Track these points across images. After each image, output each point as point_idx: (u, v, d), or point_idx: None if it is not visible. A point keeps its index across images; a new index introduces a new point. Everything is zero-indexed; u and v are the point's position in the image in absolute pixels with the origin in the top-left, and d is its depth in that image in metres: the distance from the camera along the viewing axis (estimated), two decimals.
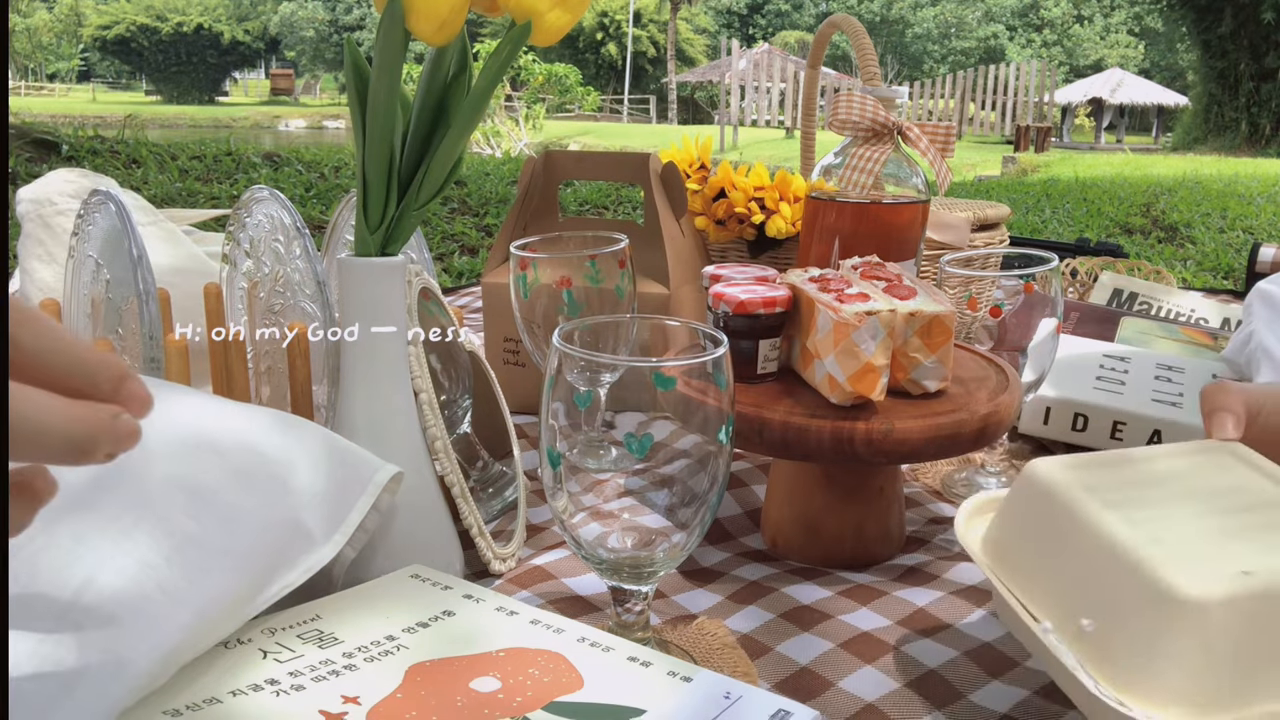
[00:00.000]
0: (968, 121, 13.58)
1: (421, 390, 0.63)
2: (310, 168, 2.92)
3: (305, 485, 0.52)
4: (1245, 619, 0.41)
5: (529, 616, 0.51)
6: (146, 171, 2.65)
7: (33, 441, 0.27)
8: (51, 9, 35.41)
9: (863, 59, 1.00)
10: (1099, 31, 32.69)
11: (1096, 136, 17.43)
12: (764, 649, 0.59)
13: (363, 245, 0.58)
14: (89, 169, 1.24)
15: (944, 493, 0.83)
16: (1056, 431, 0.89)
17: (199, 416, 0.51)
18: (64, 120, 5.48)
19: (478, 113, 0.56)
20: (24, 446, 0.27)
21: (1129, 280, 1.30)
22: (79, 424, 0.28)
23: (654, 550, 0.51)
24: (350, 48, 0.55)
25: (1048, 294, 0.78)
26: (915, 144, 0.84)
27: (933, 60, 32.67)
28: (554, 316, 0.75)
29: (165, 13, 32.25)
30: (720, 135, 12.88)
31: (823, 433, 0.62)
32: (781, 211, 1.05)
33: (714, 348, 0.48)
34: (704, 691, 0.45)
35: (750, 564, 0.70)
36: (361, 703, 0.43)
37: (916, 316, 0.65)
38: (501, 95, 11.98)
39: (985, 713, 0.53)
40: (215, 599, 0.44)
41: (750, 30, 34.88)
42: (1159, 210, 2.89)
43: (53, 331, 0.28)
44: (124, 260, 0.65)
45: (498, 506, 0.74)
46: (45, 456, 0.28)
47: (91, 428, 0.28)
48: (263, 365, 0.71)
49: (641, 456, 0.48)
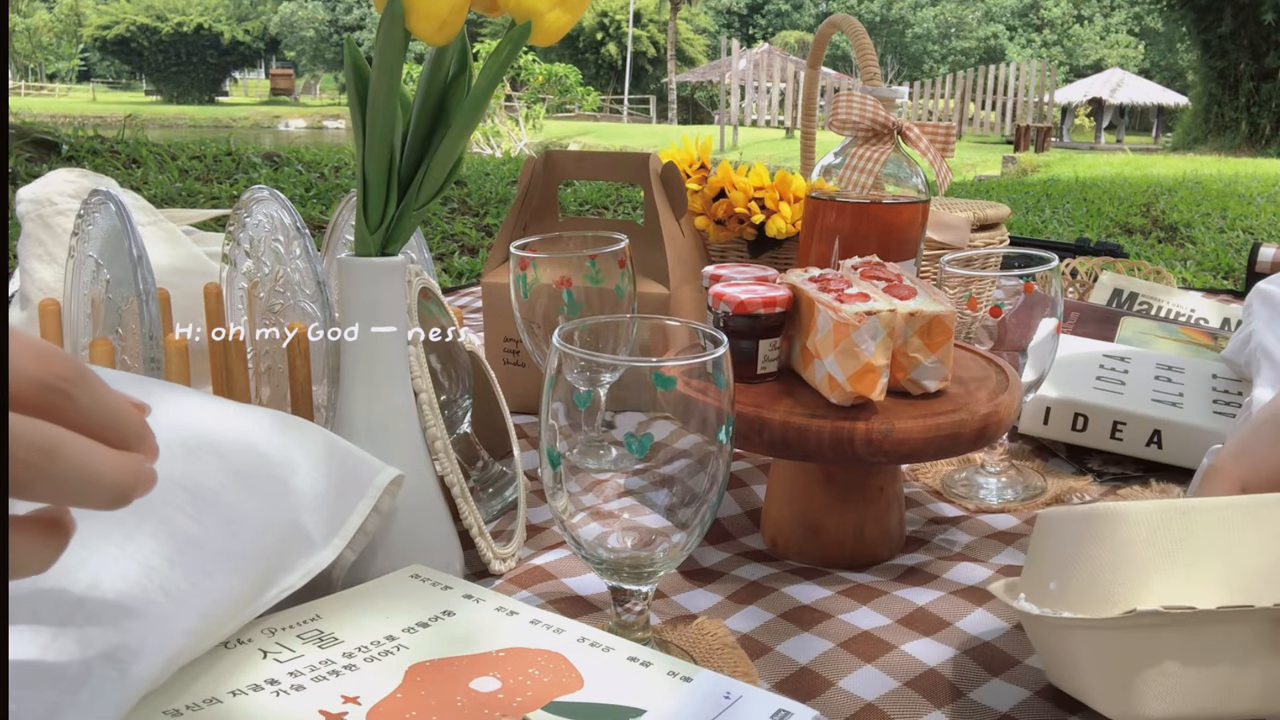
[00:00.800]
0: (968, 121, 13.58)
1: (421, 390, 0.63)
2: (310, 168, 2.92)
3: (305, 487, 0.52)
4: (1158, 526, 0.45)
5: (529, 616, 0.51)
6: (146, 171, 2.65)
7: (86, 487, 0.29)
8: (51, 9, 35.41)
9: (863, 59, 1.00)
10: (1099, 31, 32.69)
11: (1096, 136, 17.44)
12: (764, 649, 0.59)
13: (363, 245, 0.58)
14: (89, 169, 1.24)
15: (944, 493, 0.83)
16: (1056, 431, 0.89)
17: (199, 417, 0.50)
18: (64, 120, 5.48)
19: (478, 113, 0.56)
20: (77, 491, 0.29)
21: (1129, 280, 1.30)
22: (124, 474, 0.30)
23: (654, 550, 0.51)
24: (350, 48, 0.55)
25: (1048, 294, 0.78)
26: (915, 144, 0.84)
27: (933, 60, 32.67)
28: (554, 316, 0.75)
29: (165, 13, 32.25)
30: (720, 135, 12.88)
31: (823, 433, 0.62)
32: (781, 211, 1.05)
33: (714, 348, 0.48)
34: (704, 691, 0.45)
35: (750, 564, 0.70)
36: (361, 703, 0.43)
37: (916, 316, 0.65)
38: (501, 95, 11.98)
39: (986, 711, 0.53)
40: (217, 602, 0.44)
41: (750, 30, 34.89)
42: (1159, 210, 2.90)
43: (102, 387, 0.31)
44: (124, 260, 0.65)
45: (498, 506, 0.74)
46: (88, 501, 0.30)
47: (133, 477, 0.31)
48: (263, 365, 0.71)
49: (641, 456, 0.48)
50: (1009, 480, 0.83)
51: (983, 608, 0.63)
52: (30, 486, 0.28)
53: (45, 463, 0.28)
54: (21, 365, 0.29)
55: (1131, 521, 0.46)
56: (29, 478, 0.28)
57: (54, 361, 0.29)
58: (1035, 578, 0.51)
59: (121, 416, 0.31)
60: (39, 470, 0.28)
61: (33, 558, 0.30)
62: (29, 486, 0.28)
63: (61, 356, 0.30)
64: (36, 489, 0.29)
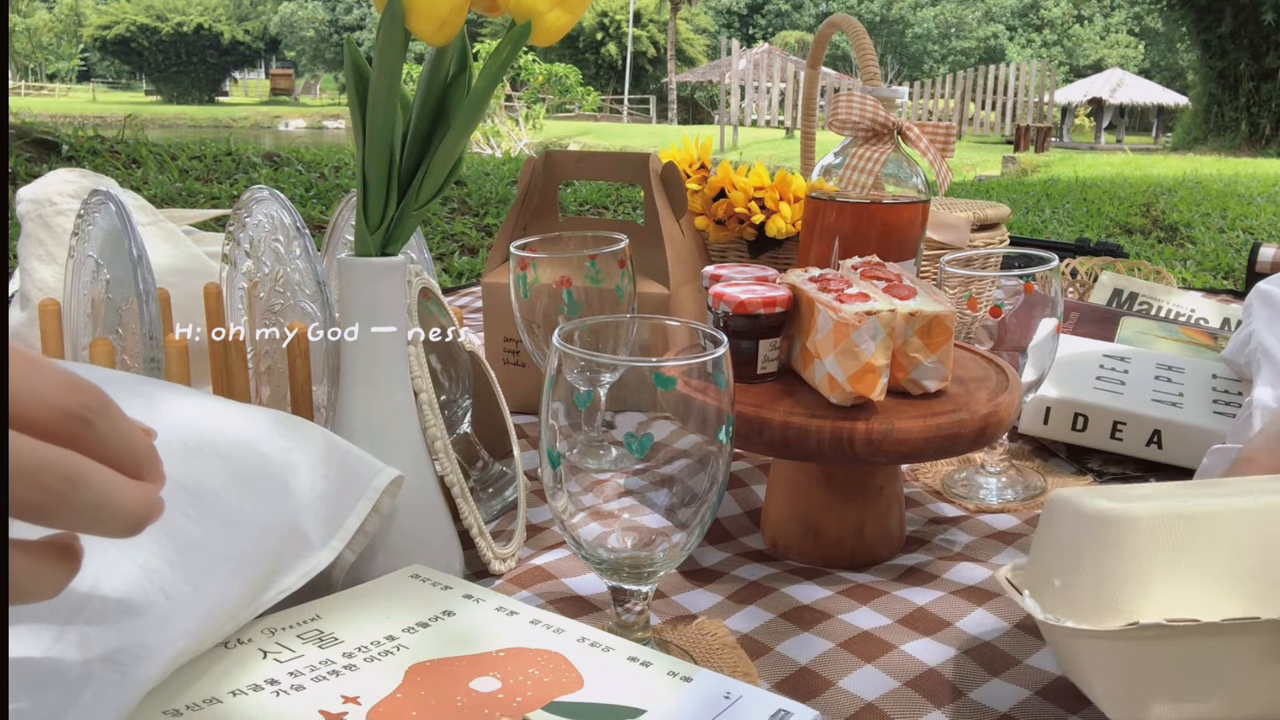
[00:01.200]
0: (968, 121, 13.58)
1: (421, 390, 0.63)
2: (310, 168, 2.92)
3: (305, 488, 0.52)
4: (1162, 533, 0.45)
5: (529, 616, 0.51)
6: (146, 171, 2.65)
7: (105, 516, 0.30)
8: (51, 9, 35.41)
9: (863, 59, 1.00)
10: (1099, 31, 32.69)
11: (1096, 136, 17.43)
12: (764, 649, 0.59)
13: (363, 245, 0.58)
14: (89, 169, 1.24)
15: (944, 493, 0.83)
16: (1056, 431, 0.89)
17: (200, 418, 0.50)
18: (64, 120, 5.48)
19: (478, 113, 0.56)
20: (95, 520, 0.30)
21: (1129, 280, 1.30)
22: (140, 504, 0.31)
23: (654, 550, 0.51)
24: (350, 48, 0.55)
25: (1048, 294, 0.78)
26: (915, 144, 0.84)
27: (933, 60, 32.67)
28: (554, 316, 0.75)
29: (165, 13, 32.25)
30: (720, 135, 12.88)
31: (823, 433, 0.62)
32: (781, 211, 1.05)
33: (714, 348, 0.48)
34: (704, 691, 0.45)
35: (750, 564, 0.70)
36: (361, 703, 0.43)
37: (916, 316, 0.65)
38: (501, 95, 11.98)
39: (986, 711, 0.53)
40: (217, 604, 0.44)
41: (750, 30, 34.88)
42: (1159, 210, 2.90)
43: (121, 416, 0.31)
44: (124, 260, 0.65)
45: (498, 506, 0.74)
46: (104, 530, 0.30)
47: (148, 507, 0.31)
48: (263, 365, 0.71)
49: (641, 456, 0.48)
50: (1009, 480, 0.83)
51: (983, 607, 0.63)
52: (53, 515, 0.29)
53: (70, 492, 0.29)
54: (48, 394, 0.29)
55: (1139, 530, 0.45)
56: (53, 506, 0.29)
57: (80, 391, 0.30)
58: (1040, 571, 0.51)
59: (136, 445, 0.32)
60: (63, 499, 0.29)
61: (45, 582, 0.30)
62: (52, 515, 0.29)
63: (86, 386, 0.30)
64: (58, 517, 0.29)
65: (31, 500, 0.28)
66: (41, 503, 0.28)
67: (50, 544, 0.30)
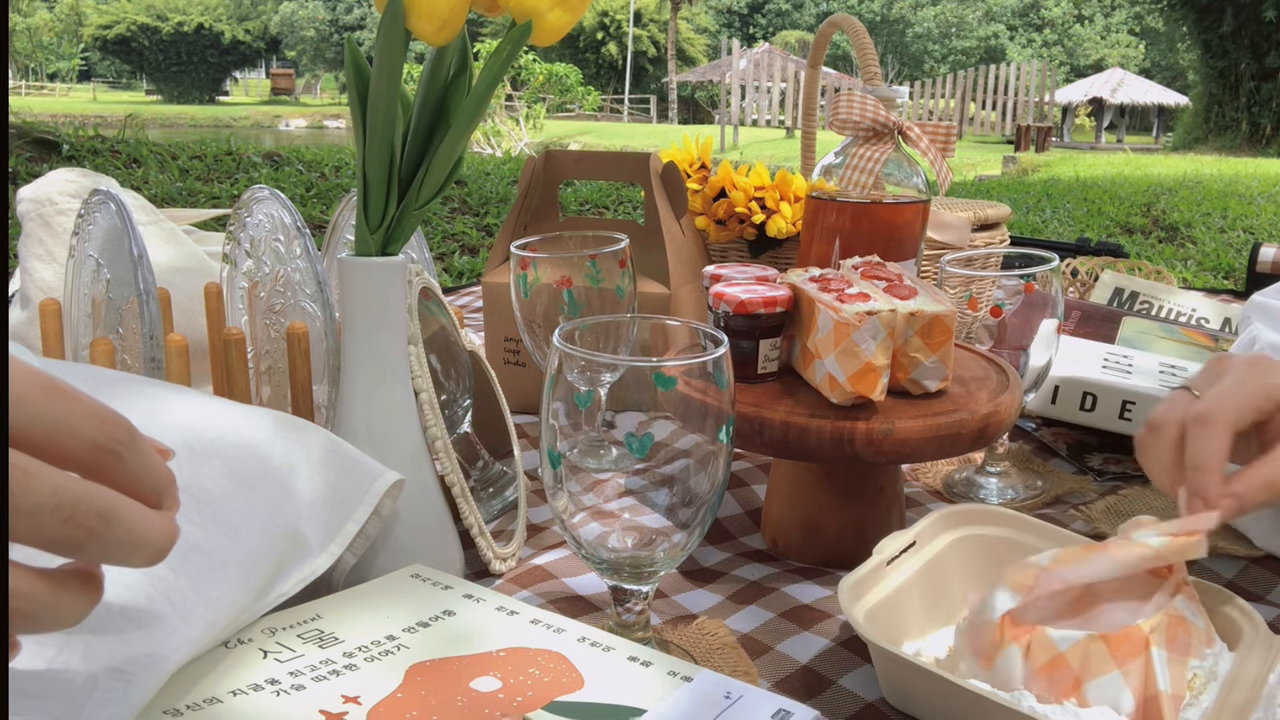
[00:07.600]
0: (968, 121, 13.58)
1: (421, 390, 0.63)
2: (310, 167, 2.92)
3: (305, 491, 0.52)
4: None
5: (529, 616, 0.51)
6: (147, 171, 2.66)
7: (132, 550, 0.30)
8: (52, 9, 35.41)
9: (863, 59, 1.00)
10: (1099, 31, 32.68)
11: (1097, 136, 17.44)
12: (764, 648, 0.59)
13: (363, 245, 0.58)
14: (89, 168, 1.24)
15: (944, 493, 0.83)
16: (1065, 411, 0.88)
17: (201, 419, 0.50)
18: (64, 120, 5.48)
19: (478, 113, 0.56)
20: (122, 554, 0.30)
21: (1130, 280, 1.30)
22: (164, 537, 0.31)
23: (654, 550, 0.51)
24: (351, 47, 0.55)
25: (1048, 294, 0.78)
26: (915, 144, 0.84)
27: (933, 60, 32.67)
28: (554, 316, 0.75)
29: (166, 12, 32.25)
30: (720, 135, 12.88)
31: (823, 433, 0.62)
32: (782, 211, 1.05)
33: (714, 348, 0.48)
34: (704, 691, 0.45)
35: (750, 564, 0.70)
36: (362, 702, 0.43)
37: (917, 316, 0.65)
38: (502, 95, 11.97)
39: None
40: (220, 610, 0.44)
41: (750, 30, 34.88)
42: (1159, 210, 2.90)
43: (146, 447, 0.32)
44: (124, 260, 0.65)
45: (498, 506, 0.74)
46: (129, 561, 0.30)
47: (170, 538, 0.31)
48: (263, 365, 0.71)
49: (642, 456, 0.48)
50: (1009, 480, 0.83)
51: None
52: (85, 550, 0.29)
53: (103, 529, 0.29)
54: (80, 427, 0.29)
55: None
56: (86, 541, 0.29)
57: (109, 424, 0.30)
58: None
59: (159, 475, 0.32)
60: (95, 535, 0.29)
61: (70, 610, 0.30)
62: (84, 550, 0.29)
63: (115, 418, 0.30)
64: (89, 552, 0.29)
65: (65, 536, 0.28)
66: (76, 539, 0.28)
67: (73, 572, 0.30)
